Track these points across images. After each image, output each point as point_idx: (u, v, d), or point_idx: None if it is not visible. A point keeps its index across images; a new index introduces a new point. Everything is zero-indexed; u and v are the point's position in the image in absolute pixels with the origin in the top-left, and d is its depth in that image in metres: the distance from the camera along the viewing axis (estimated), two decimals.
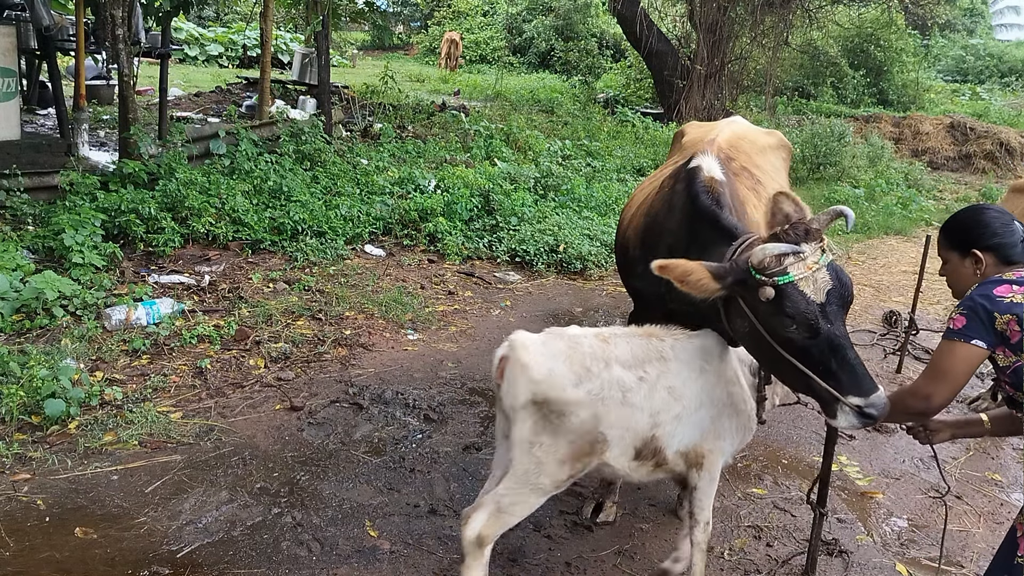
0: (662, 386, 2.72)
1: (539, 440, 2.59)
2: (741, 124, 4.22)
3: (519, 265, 7.26)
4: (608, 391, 2.62)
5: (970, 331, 2.24)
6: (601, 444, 2.65)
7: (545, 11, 25.91)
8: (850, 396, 2.44)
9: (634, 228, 3.51)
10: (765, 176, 3.76)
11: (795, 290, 2.43)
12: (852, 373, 2.45)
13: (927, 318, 6.86)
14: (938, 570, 3.40)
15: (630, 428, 2.68)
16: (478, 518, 2.65)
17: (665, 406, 2.73)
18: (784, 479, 4.15)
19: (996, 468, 4.47)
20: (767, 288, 2.44)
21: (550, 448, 2.59)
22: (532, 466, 2.60)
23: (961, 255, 2.43)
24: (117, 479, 3.61)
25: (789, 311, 2.43)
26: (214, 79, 16.31)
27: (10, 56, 7.30)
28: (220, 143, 7.82)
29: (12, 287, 4.94)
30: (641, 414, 2.69)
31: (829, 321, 2.45)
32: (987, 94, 23.35)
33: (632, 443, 2.71)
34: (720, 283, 2.54)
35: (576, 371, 2.60)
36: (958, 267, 2.45)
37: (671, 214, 3.19)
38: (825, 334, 2.45)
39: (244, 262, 6.40)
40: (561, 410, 2.56)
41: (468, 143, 10.49)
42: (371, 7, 13.95)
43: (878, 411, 2.43)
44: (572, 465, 2.63)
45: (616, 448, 2.69)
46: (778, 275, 2.44)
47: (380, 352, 5.23)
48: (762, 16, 15.17)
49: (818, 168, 12.44)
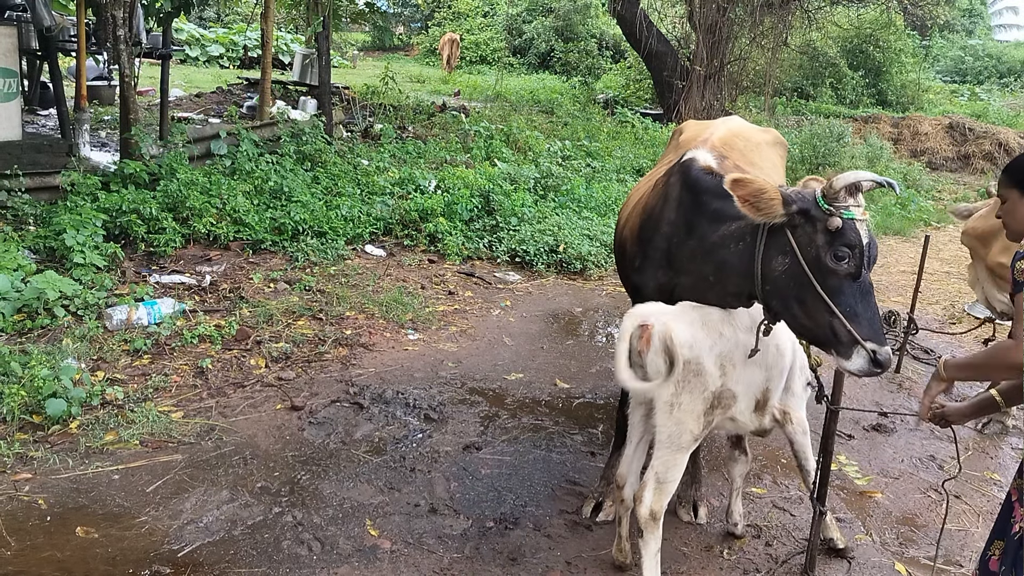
0: (772, 344, 3.06)
1: (679, 401, 2.90)
2: (737, 122, 4.24)
3: (519, 265, 7.27)
4: (737, 350, 2.96)
5: None
6: (729, 399, 2.99)
7: (545, 12, 25.92)
8: (868, 341, 2.61)
9: (631, 227, 3.54)
10: (761, 173, 3.77)
11: (854, 226, 2.63)
12: (873, 321, 2.66)
13: (926, 318, 6.87)
14: (934, 567, 3.41)
15: (753, 383, 3.04)
16: (647, 497, 2.96)
17: (774, 361, 3.09)
18: (783, 479, 4.16)
19: (995, 468, 4.48)
20: (835, 219, 2.62)
21: (688, 406, 2.91)
22: (674, 427, 2.92)
23: (1021, 193, 2.44)
24: (118, 478, 3.62)
25: (849, 243, 2.62)
26: (215, 80, 16.33)
27: (11, 57, 7.31)
28: (221, 143, 7.83)
29: (13, 287, 4.95)
30: (760, 369, 3.05)
31: (868, 269, 2.65)
32: (986, 95, 23.36)
33: (754, 395, 3.07)
34: (786, 208, 2.68)
35: (711, 335, 2.94)
36: (1017, 205, 2.46)
37: (667, 205, 3.24)
38: (863, 278, 2.65)
39: (245, 262, 6.42)
40: (699, 369, 2.89)
41: (468, 144, 10.50)
42: (372, 8, 14.01)
43: (885, 360, 2.62)
44: (706, 418, 2.95)
45: (743, 402, 3.04)
46: (844, 209, 2.63)
47: (381, 352, 5.24)
48: (761, 17, 15.18)
49: (817, 168, 12.44)
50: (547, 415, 4.60)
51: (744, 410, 3.06)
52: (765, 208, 2.67)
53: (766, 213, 2.68)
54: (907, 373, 5.70)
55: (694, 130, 4.22)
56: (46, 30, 7.68)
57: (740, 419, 3.08)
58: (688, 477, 3.73)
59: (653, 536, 2.95)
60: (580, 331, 6.11)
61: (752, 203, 2.67)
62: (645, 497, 2.95)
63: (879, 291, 7.66)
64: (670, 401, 2.89)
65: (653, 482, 2.96)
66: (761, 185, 2.68)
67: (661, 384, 2.88)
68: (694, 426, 2.92)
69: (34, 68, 10.43)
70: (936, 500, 4.07)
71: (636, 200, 3.68)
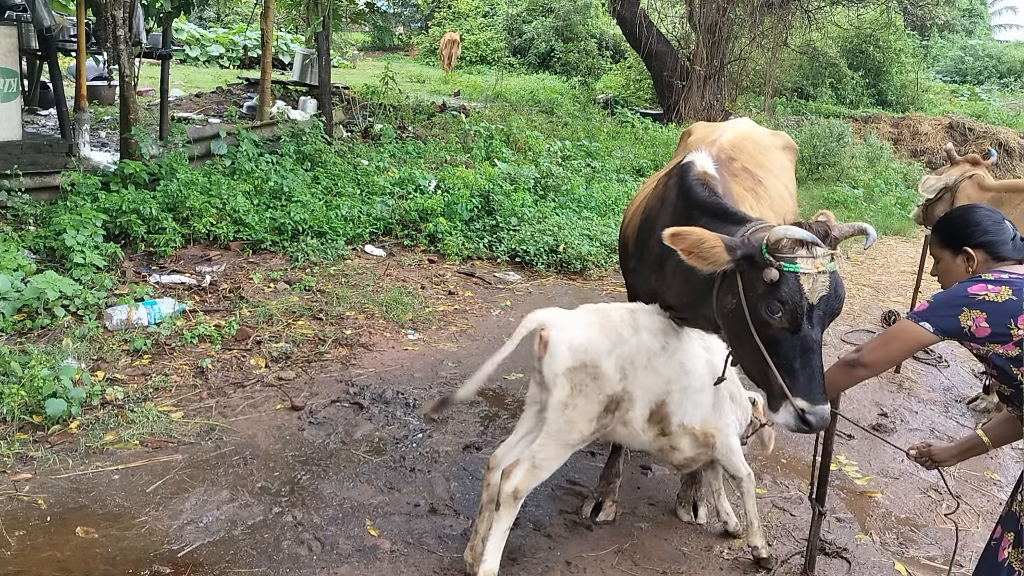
0: (677, 359, 3.03)
1: (574, 402, 2.90)
2: (747, 125, 4.25)
3: (519, 265, 7.27)
4: (637, 354, 2.95)
5: (926, 315, 2.36)
6: (627, 403, 2.98)
7: (545, 12, 25.93)
8: (798, 398, 2.53)
9: (632, 227, 3.54)
10: (769, 176, 3.78)
11: (795, 281, 2.50)
12: (810, 378, 2.54)
13: None
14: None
15: (649, 389, 3.01)
16: (516, 474, 2.94)
17: (676, 376, 3.04)
18: (783, 478, 4.16)
19: (995, 468, 4.48)
20: (772, 270, 2.50)
21: (583, 408, 2.91)
22: (564, 425, 2.92)
23: (953, 253, 2.51)
24: (118, 478, 3.62)
25: (782, 298, 2.50)
26: (215, 80, 16.33)
27: (11, 57, 7.31)
28: (221, 143, 7.83)
29: (13, 287, 4.95)
30: (659, 379, 3.02)
31: (811, 324, 2.53)
32: (986, 94, 23.38)
33: (649, 404, 3.04)
34: (730, 255, 2.60)
35: (611, 337, 2.93)
36: (950, 265, 2.53)
37: (664, 208, 3.23)
38: (803, 333, 2.53)
39: (245, 262, 6.42)
40: (596, 373, 2.88)
41: (468, 144, 10.50)
42: (372, 8, 14.00)
43: (816, 421, 2.53)
44: (599, 422, 2.95)
45: (638, 407, 3.02)
46: (786, 262, 2.51)
47: (381, 352, 5.24)
48: (761, 17, 15.19)
49: (817, 168, 12.47)
50: None
51: (637, 416, 3.04)
52: (709, 256, 2.60)
53: (712, 262, 2.60)
54: (907, 373, 5.70)
55: (703, 132, 4.22)
56: (46, 30, 7.68)
57: (633, 425, 3.06)
58: (688, 477, 3.74)
59: (508, 513, 2.95)
60: None
61: (696, 253, 2.60)
62: (515, 474, 2.93)
63: (879, 291, 7.67)
64: (565, 402, 2.90)
65: (528, 463, 2.95)
66: (701, 235, 2.61)
67: (556, 385, 2.88)
68: (585, 427, 2.93)
69: (34, 68, 10.42)
70: (936, 500, 4.08)
71: (641, 198, 3.69)
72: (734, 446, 3.30)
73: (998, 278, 2.34)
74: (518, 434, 3.16)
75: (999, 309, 2.27)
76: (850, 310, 7.02)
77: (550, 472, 2.99)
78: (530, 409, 3.15)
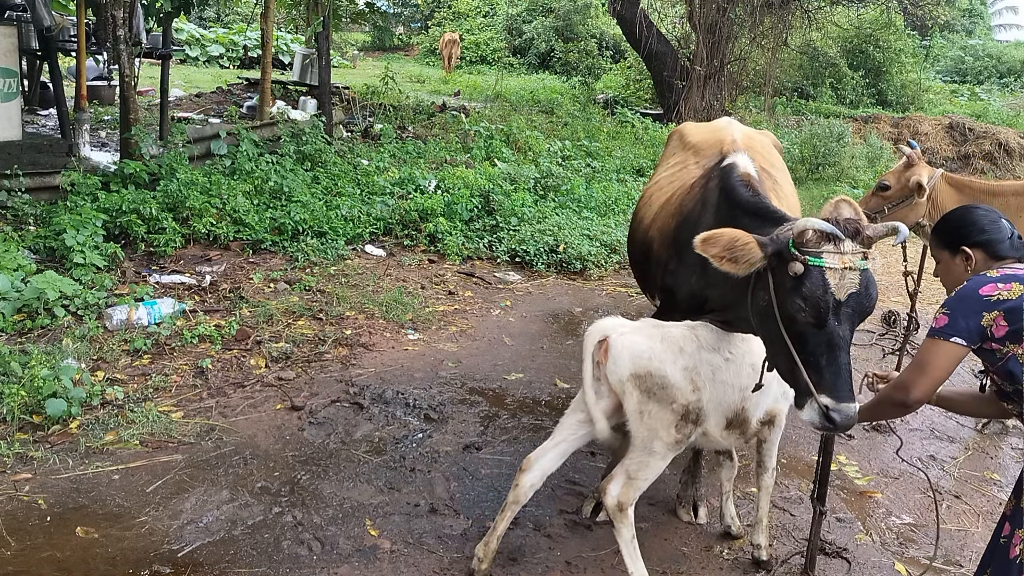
0: (747, 363, 3.03)
1: (647, 409, 2.94)
2: (739, 124, 4.24)
3: (519, 265, 7.27)
4: (701, 367, 2.97)
5: (951, 329, 2.32)
6: (699, 414, 2.99)
7: (545, 12, 25.91)
8: (823, 395, 2.50)
9: (660, 228, 3.54)
10: (780, 175, 3.80)
11: (820, 276, 2.49)
12: (836, 375, 2.51)
13: (925, 318, 6.86)
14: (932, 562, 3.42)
15: (722, 402, 3.03)
16: (613, 488, 3.00)
17: (750, 381, 3.00)
18: (783, 478, 4.16)
19: (995, 468, 4.48)
20: (796, 264, 2.50)
21: (658, 415, 2.94)
22: (646, 432, 2.96)
23: (952, 253, 2.52)
24: (118, 478, 3.62)
25: (805, 292, 2.49)
26: (215, 80, 16.33)
27: (11, 57, 7.31)
28: (221, 143, 7.83)
29: (14, 287, 4.95)
30: (731, 389, 3.03)
31: (838, 320, 2.50)
32: (986, 94, 23.35)
33: (725, 414, 3.06)
34: (763, 251, 2.60)
35: (672, 349, 2.98)
36: (950, 265, 2.54)
37: (706, 209, 3.24)
38: (828, 329, 2.50)
39: (245, 262, 6.42)
40: (663, 382, 2.92)
41: (468, 144, 10.50)
42: (372, 8, 13.99)
43: (841, 420, 2.49)
44: (679, 430, 2.96)
45: (712, 419, 3.03)
46: (812, 255, 2.50)
47: (380, 352, 5.24)
48: (761, 17, 15.17)
49: (817, 168, 12.45)
50: (547, 415, 4.60)
51: (714, 427, 3.07)
52: (743, 256, 2.60)
53: (746, 262, 2.60)
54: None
55: (705, 132, 4.21)
56: (46, 30, 7.68)
57: (712, 435, 3.10)
58: (688, 477, 3.74)
59: (624, 525, 2.99)
60: (580, 331, 6.10)
61: (729, 257, 2.60)
62: (611, 488, 3.00)
63: (880, 291, 7.65)
64: (639, 409, 2.95)
65: (623, 476, 3.01)
66: (732, 235, 2.61)
67: (625, 393, 2.93)
68: (666, 435, 2.95)
69: (34, 68, 10.43)
70: (936, 502, 4.07)
71: (665, 200, 3.68)
72: (782, 427, 3.34)
73: (1005, 275, 2.34)
74: (553, 440, 3.17)
75: (1015, 306, 2.26)
76: None
77: (647, 481, 3.02)
78: (571, 416, 3.17)
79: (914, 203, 4.86)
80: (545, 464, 3.12)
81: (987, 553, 2.47)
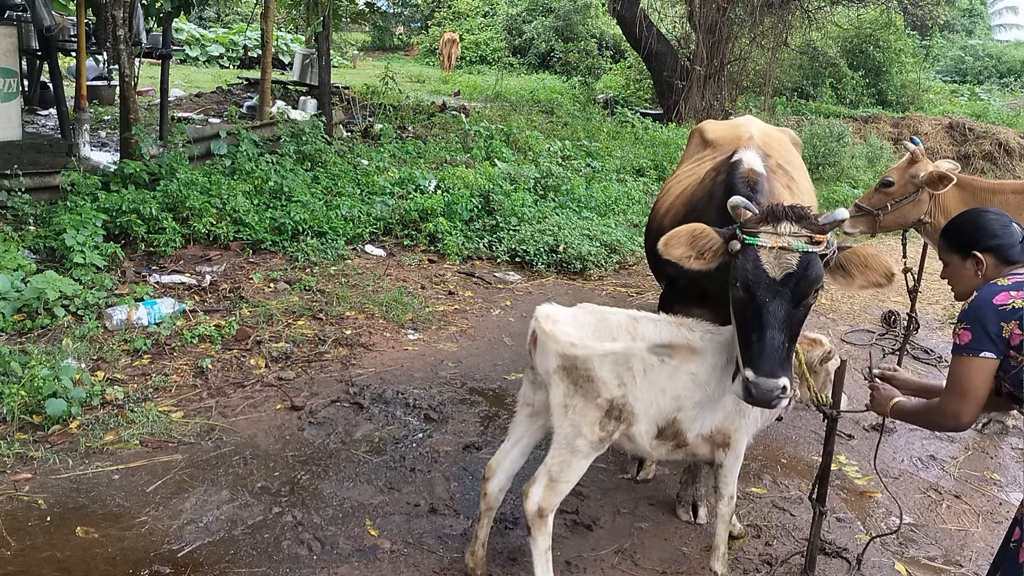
0: (685, 371, 2.88)
1: (572, 403, 2.80)
2: (758, 122, 4.27)
3: (519, 265, 7.27)
4: (632, 362, 2.81)
5: (977, 344, 2.31)
6: (628, 414, 2.84)
7: (545, 12, 25.90)
8: (747, 369, 2.60)
9: (672, 217, 3.58)
10: (797, 172, 3.82)
11: (752, 252, 2.62)
12: (761, 350, 2.59)
13: (926, 318, 6.87)
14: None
15: (653, 405, 2.87)
16: (535, 492, 2.86)
17: (687, 392, 2.89)
18: (783, 478, 4.16)
19: (995, 468, 4.48)
20: (735, 242, 2.66)
21: (582, 410, 2.80)
22: (569, 429, 2.82)
23: (962, 257, 2.49)
24: (118, 478, 3.62)
25: (739, 267, 2.65)
26: (215, 80, 16.33)
27: (11, 57, 7.32)
28: (221, 143, 7.83)
29: (13, 287, 4.95)
30: (663, 395, 2.88)
31: (769, 297, 2.59)
32: (986, 94, 23.34)
33: (655, 421, 2.90)
34: (722, 237, 2.73)
35: (602, 339, 2.84)
36: (959, 269, 2.52)
37: (710, 203, 3.27)
38: (758, 305, 2.60)
39: (245, 262, 6.42)
40: (588, 374, 2.76)
41: (468, 143, 10.49)
42: (372, 8, 13.99)
43: (757, 393, 2.56)
44: (603, 427, 2.82)
45: (641, 423, 2.88)
46: (749, 235, 2.64)
47: (380, 352, 5.24)
48: (761, 17, 15.18)
49: (817, 168, 12.44)
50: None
51: (643, 432, 2.91)
52: (706, 246, 2.72)
53: (711, 250, 2.73)
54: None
55: (724, 129, 4.25)
56: (46, 30, 7.69)
57: (639, 442, 2.94)
58: (688, 477, 3.74)
59: (541, 533, 2.88)
60: None
61: (696, 255, 2.71)
62: (533, 492, 2.86)
63: (880, 291, 7.65)
64: (563, 403, 2.82)
65: (545, 478, 2.87)
66: (691, 228, 2.73)
67: (551, 384, 2.82)
68: (589, 432, 2.82)
69: (34, 68, 10.43)
70: (936, 500, 4.08)
71: (679, 191, 3.74)
72: (740, 454, 3.13)
73: (1016, 283, 2.31)
74: (510, 440, 3.11)
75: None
76: (850, 310, 7.02)
77: (570, 484, 2.89)
78: (521, 412, 3.10)
79: (917, 200, 4.86)
80: (508, 466, 3.07)
81: (997, 557, 2.45)
